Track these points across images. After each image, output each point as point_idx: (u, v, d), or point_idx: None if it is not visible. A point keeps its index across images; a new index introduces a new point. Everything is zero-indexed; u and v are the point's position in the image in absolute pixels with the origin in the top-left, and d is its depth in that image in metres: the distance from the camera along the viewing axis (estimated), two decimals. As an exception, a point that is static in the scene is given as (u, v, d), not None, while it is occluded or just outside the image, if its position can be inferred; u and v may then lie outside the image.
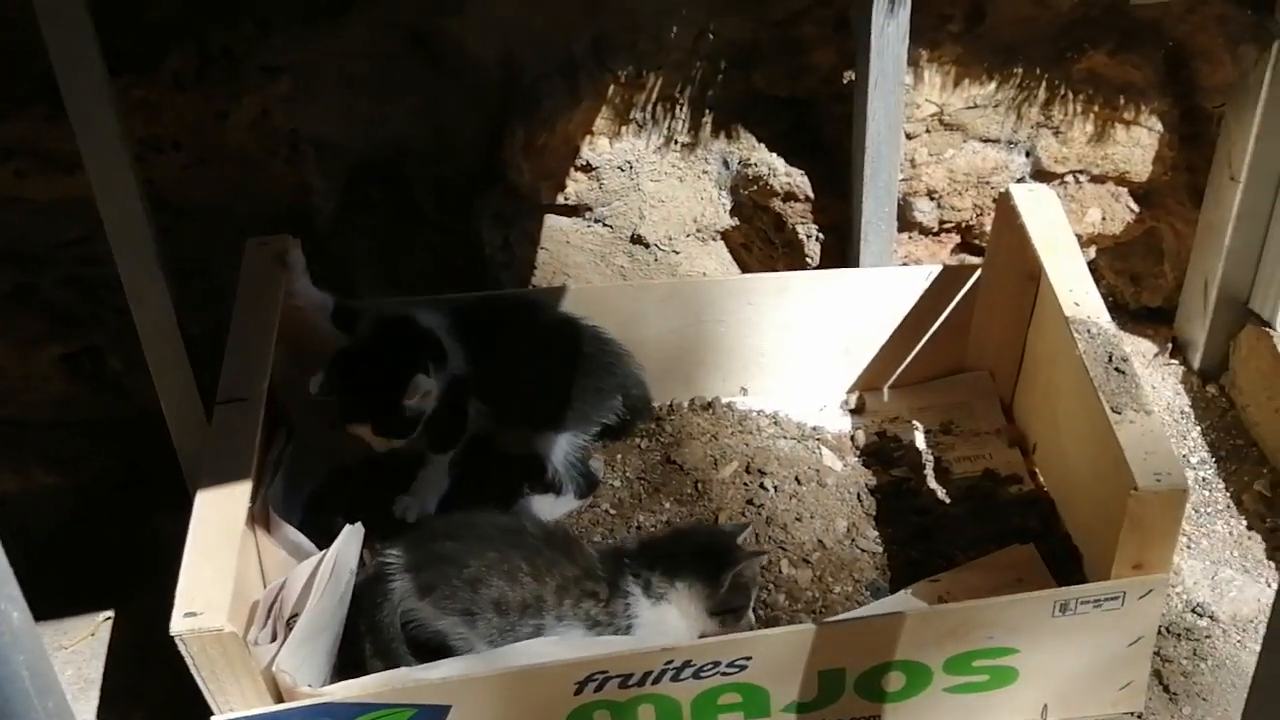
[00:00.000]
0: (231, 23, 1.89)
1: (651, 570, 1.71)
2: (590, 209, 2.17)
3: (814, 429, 2.11)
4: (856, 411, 2.16)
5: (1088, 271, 1.88)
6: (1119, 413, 1.66)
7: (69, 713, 0.96)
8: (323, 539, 1.73)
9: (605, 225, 2.19)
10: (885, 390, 2.18)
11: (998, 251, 2.05)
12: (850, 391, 2.18)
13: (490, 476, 1.98)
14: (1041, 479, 2.01)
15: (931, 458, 2.06)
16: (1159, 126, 2.17)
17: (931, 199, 2.19)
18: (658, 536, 1.88)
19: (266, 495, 1.72)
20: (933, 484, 2.02)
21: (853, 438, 2.11)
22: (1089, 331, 1.78)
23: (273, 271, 1.87)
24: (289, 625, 1.57)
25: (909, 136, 2.11)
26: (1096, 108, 2.16)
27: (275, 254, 1.87)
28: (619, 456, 2.06)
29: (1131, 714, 1.72)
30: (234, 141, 1.95)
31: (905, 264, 2.23)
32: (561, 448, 1.96)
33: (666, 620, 1.71)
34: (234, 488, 1.58)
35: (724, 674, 1.58)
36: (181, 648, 1.44)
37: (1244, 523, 2.01)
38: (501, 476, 1.99)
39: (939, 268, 2.09)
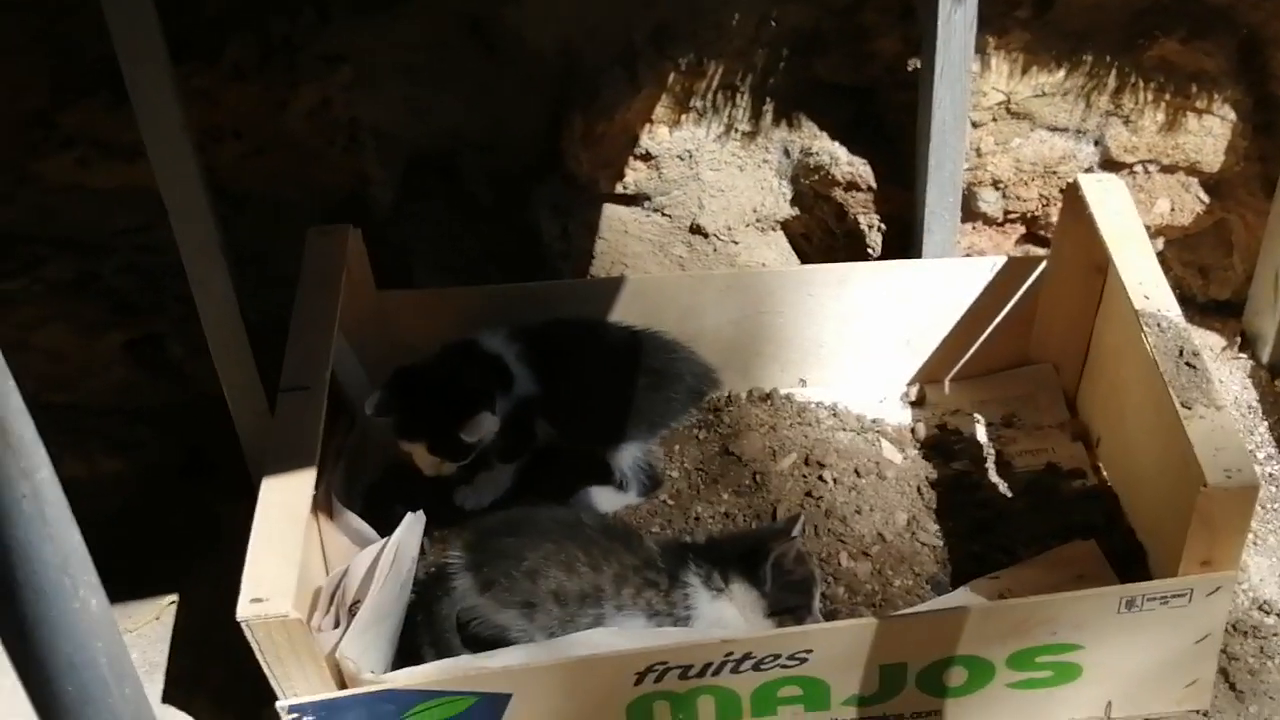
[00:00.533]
0: (292, 13, 1.90)
1: (712, 566, 1.70)
2: (649, 198, 2.16)
3: (874, 421, 2.09)
4: (917, 404, 2.14)
5: (1158, 264, 1.85)
6: (1189, 408, 1.63)
7: (144, 699, 0.97)
8: (383, 528, 1.74)
9: (664, 215, 2.18)
10: (946, 383, 2.16)
11: (1064, 243, 2.02)
12: (911, 384, 2.16)
13: (552, 474, 1.98)
14: (1105, 474, 1.98)
15: (993, 451, 2.04)
16: (1231, 115, 2.13)
17: (997, 189, 2.16)
18: (720, 535, 1.87)
19: (330, 483, 1.73)
20: (994, 477, 2.00)
21: (913, 430, 2.09)
22: (1159, 325, 1.75)
23: (334, 260, 1.87)
24: (351, 613, 1.58)
25: (974, 125, 2.08)
26: (1167, 96, 2.12)
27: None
28: (677, 448, 2.06)
29: (1197, 712, 1.70)
30: (293, 130, 1.96)
31: (968, 255, 2.20)
32: (629, 454, 1.96)
33: (725, 616, 1.70)
34: (298, 475, 1.59)
35: (784, 666, 1.58)
36: (247, 633, 1.45)
37: (1315, 520, 1.97)
38: (564, 474, 1.99)
39: (1004, 259, 2.06)
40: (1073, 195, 1.98)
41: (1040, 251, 2.19)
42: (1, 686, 1.74)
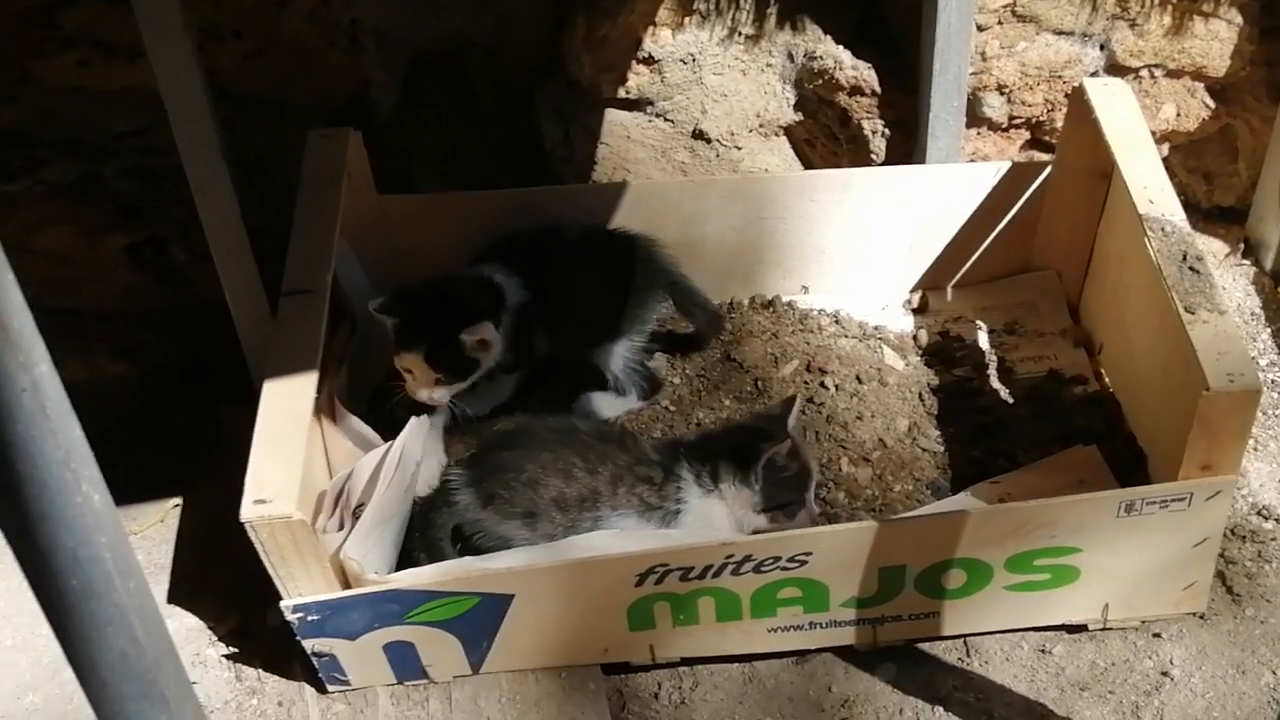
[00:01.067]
0: (292, -92, 1.87)
1: (703, 464, 1.72)
2: (651, 103, 2.13)
3: (876, 328, 2.09)
4: (919, 311, 2.13)
5: (1163, 169, 1.83)
6: (1192, 313, 1.63)
7: (149, 593, 0.98)
8: (386, 433, 1.75)
9: (666, 120, 2.15)
10: (949, 289, 2.15)
11: (1069, 147, 2.00)
12: (913, 290, 2.15)
13: (550, 383, 1.99)
14: (1107, 380, 1.98)
15: (995, 358, 2.04)
16: (1238, 19, 2.09)
17: (1001, 93, 2.13)
18: (713, 431, 1.88)
19: (332, 387, 1.73)
20: (996, 384, 2.00)
21: (915, 337, 2.09)
22: (1163, 230, 1.74)
23: (335, 164, 1.86)
24: (355, 515, 1.59)
25: (980, 28, 2.05)
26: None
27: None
28: (679, 354, 2.06)
29: (1194, 615, 1.72)
30: (293, 31, 1.93)
31: (972, 160, 2.18)
32: (619, 354, 1.96)
33: (714, 513, 1.72)
34: (300, 378, 1.59)
35: (784, 569, 1.59)
36: (251, 534, 1.46)
37: (1313, 426, 1.98)
38: (564, 383, 1.99)
39: (1007, 164, 2.04)
40: (1078, 100, 1.95)
41: (1044, 157, 2.17)
42: (7, 586, 1.79)
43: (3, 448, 0.85)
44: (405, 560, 1.70)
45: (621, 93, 2.10)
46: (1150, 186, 1.80)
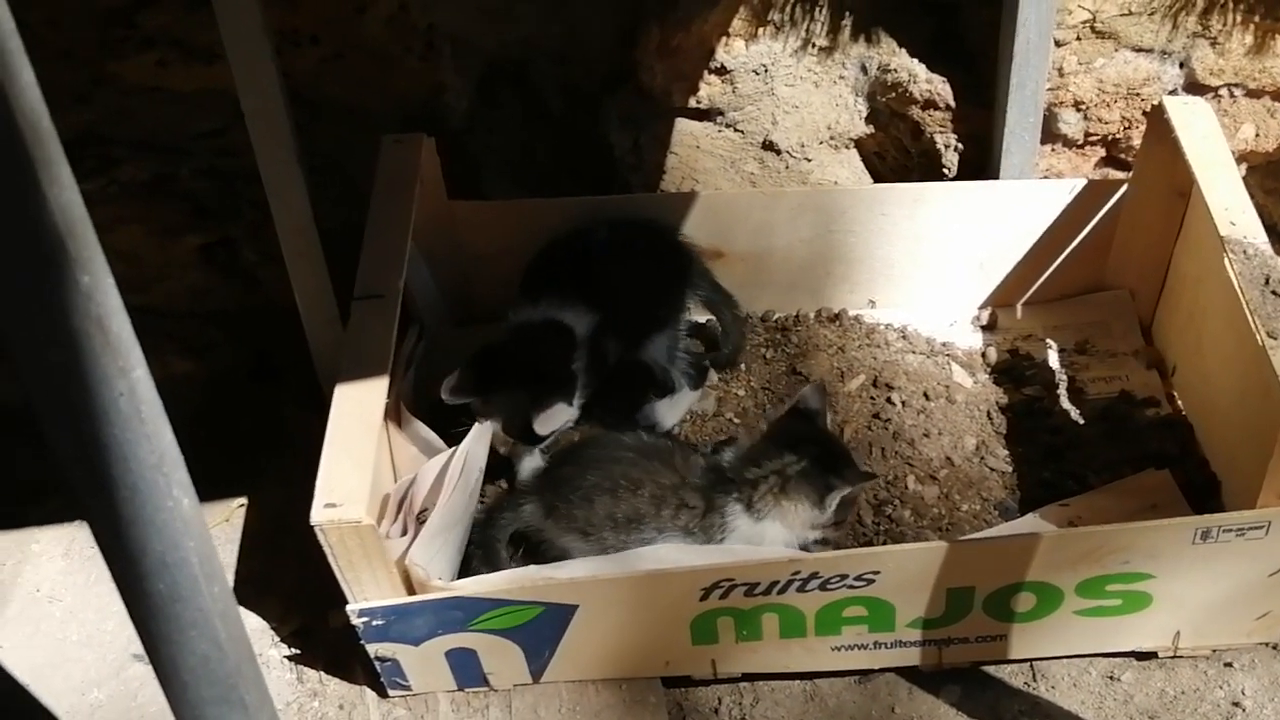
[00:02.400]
0: (372, -85, 1.88)
1: (755, 489, 1.69)
2: (722, 113, 2.12)
3: (944, 344, 2.07)
4: (988, 328, 2.11)
5: (1244, 190, 1.80)
6: (1275, 338, 1.60)
7: (232, 598, 0.98)
8: (450, 438, 1.75)
9: (737, 130, 2.14)
10: (1019, 307, 2.13)
11: (1147, 166, 1.97)
12: (983, 307, 2.13)
13: (615, 394, 1.98)
14: (1180, 403, 1.95)
15: (1065, 377, 2.01)
16: (1324, 38, 2.06)
17: (1078, 110, 2.11)
18: (763, 449, 1.76)
19: (399, 392, 1.74)
20: (1066, 404, 1.98)
21: (984, 354, 2.06)
22: (1245, 252, 1.71)
23: (408, 169, 1.87)
24: (419, 521, 1.60)
25: (1058, 44, 2.03)
26: (1256, 18, 2.05)
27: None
28: (744, 366, 2.05)
29: (1267, 644, 1.69)
30: (370, 36, 1.94)
31: (1046, 177, 2.15)
32: (664, 346, 1.96)
33: (766, 535, 1.70)
34: (371, 383, 1.60)
35: (850, 587, 1.58)
36: (321, 538, 1.46)
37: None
38: (625, 392, 1.98)
39: (1083, 181, 2.01)
40: (1157, 118, 1.92)
41: (1119, 175, 2.14)
42: (74, 582, 1.81)
43: (98, 451, 0.86)
44: (463, 561, 1.71)
45: (692, 102, 2.10)
46: (1232, 208, 1.78)
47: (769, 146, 2.16)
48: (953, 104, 2.10)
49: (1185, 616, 1.65)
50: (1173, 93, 2.09)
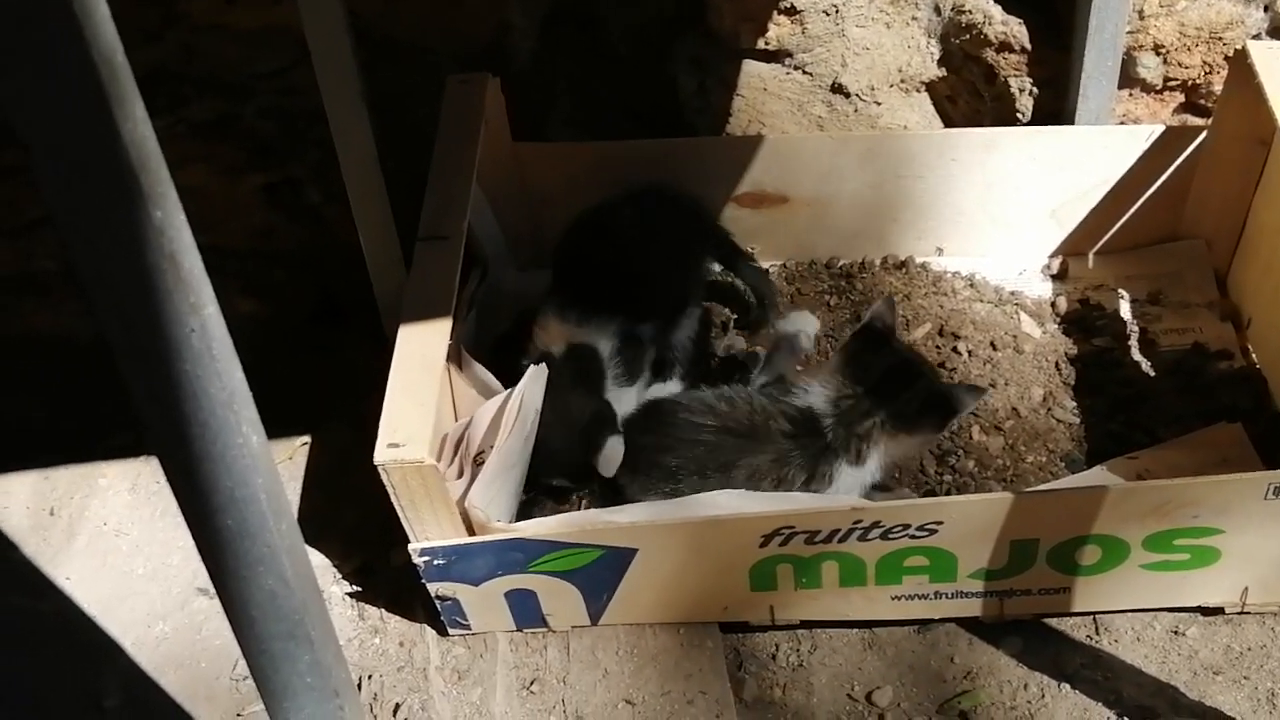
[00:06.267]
0: None
1: (864, 442, 1.69)
2: (790, 55, 2.09)
3: (1012, 293, 2.03)
4: (1059, 277, 2.07)
5: (1330, 137, 1.75)
6: (1356, 291, 1.56)
7: (298, 534, 0.99)
8: (508, 379, 1.75)
9: (805, 73, 2.11)
10: (1091, 256, 2.08)
11: (1227, 113, 1.92)
12: (1053, 256, 2.09)
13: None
14: (1255, 356, 1.91)
15: (1137, 328, 1.97)
16: None
17: (1158, 54, 2.05)
18: (856, 394, 1.71)
19: (460, 334, 1.73)
20: (1137, 356, 1.94)
21: (1053, 304, 2.03)
22: (1328, 203, 1.66)
23: (474, 110, 1.85)
24: (477, 463, 1.60)
25: (1139, -15, 1.97)
26: (1350, -43, 1.98)
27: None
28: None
29: (1338, 605, 1.66)
30: (436, -26, 1.93)
31: (1123, 123, 2.10)
32: (687, 326, 1.93)
33: (865, 476, 1.71)
34: (435, 325, 1.60)
35: (913, 537, 1.56)
36: (384, 477, 1.47)
37: None
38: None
39: (1161, 128, 1.96)
40: (1240, 63, 1.87)
41: (1198, 121, 2.08)
42: (139, 516, 1.84)
43: (170, 387, 0.87)
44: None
45: (760, 44, 2.06)
46: (1316, 156, 1.72)
47: (838, 89, 2.12)
48: (1028, 46, 2.05)
49: (1254, 573, 1.62)
50: (1256, 37, 2.03)
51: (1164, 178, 2.00)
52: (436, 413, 1.54)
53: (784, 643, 1.68)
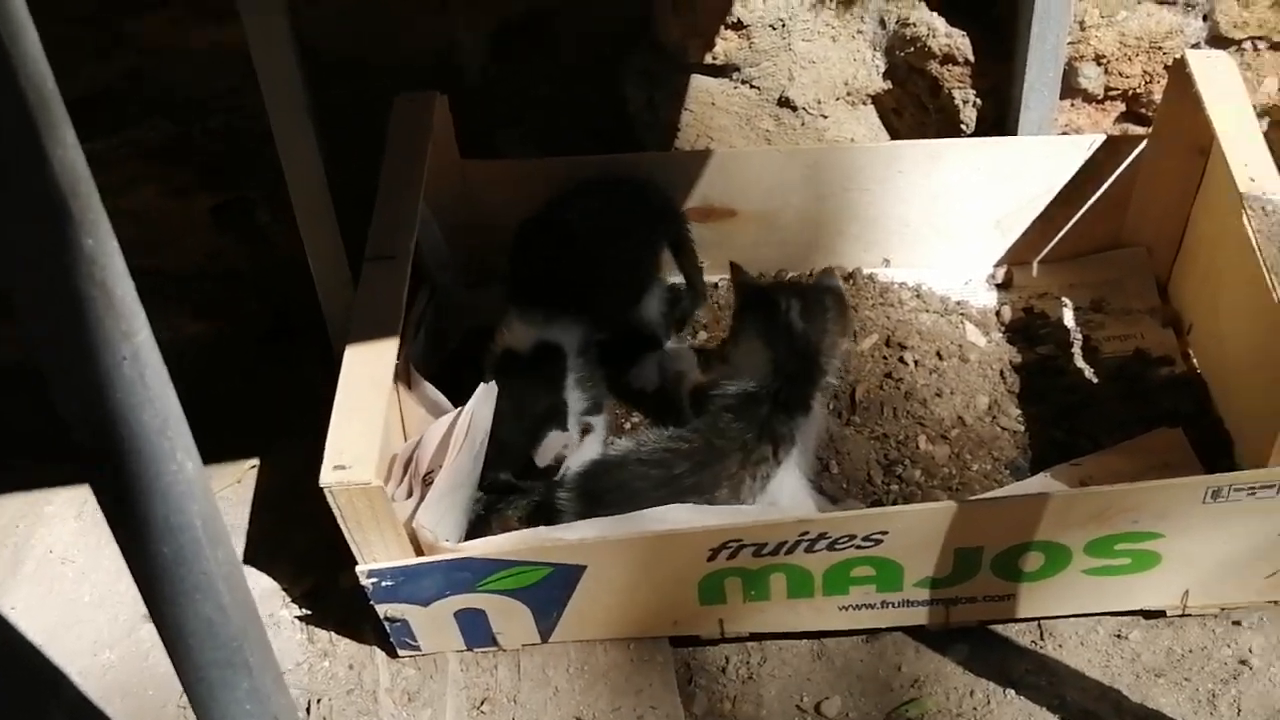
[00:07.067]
0: None
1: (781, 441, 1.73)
2: (738, 69, 2.10)
3: (958, 303, 2.06)
4: (1004, 286, 2.10)
5: (1265, 146, 1.78)
6: (1290, 296, 1.58)
7: (237, 561, 0.99)
8: (459, 398, 1.75)
9: (752, 87, 2.13)
10: (1035, 265, 2.11)
11: (1167, 122, 1.95)
12: (998, 265, 2.12)
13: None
14: (1195, 361, 1.94)
15: (1080, 336, 2.00)
16: (1350, -10, 2.02)
17: (1099, 64, 2.08)
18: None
19: (408, 353, 1.74)
20: (1080, 363, 1.96)
21: (998, 313, 2.05)
22: (1263, 209, 1.69)
23: (421, 128, 1.86)
24: (425, 482, 1.60)
25: (1079, -3, 2.00)
26: (1283, -32, 2.01)
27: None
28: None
29: (1276, 603, 1.68)
30: (382, -8, 1.93)
31: (1065, 133, 2.13)
32: (654, 304, 1.96)
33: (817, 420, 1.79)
34: (381, 344, 1.60)
35: (859, 547, 1.58)
36: (330, 499, 1.47)
37: None
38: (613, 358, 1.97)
39: (1102, 138, 1.99)
40: (1178, 72, 1.90)
41: (1139, 130, 2.11)
42: (86, 543, 1.83)
43: (102, 415, 0.87)
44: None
45: (708, 58, 2.08)
46: (1251, 164, 1.75)
47: (785, 103, 2.14)
48: (972, 59, 2.07)
49: (1194, 575, 1.64)
50: (1195, 46, 2.06)
51: (1105, 186, 2.03)
52: (384, 433, 1.54)
53: (734, 655, 1.69)
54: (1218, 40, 2.08)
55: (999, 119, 2.09)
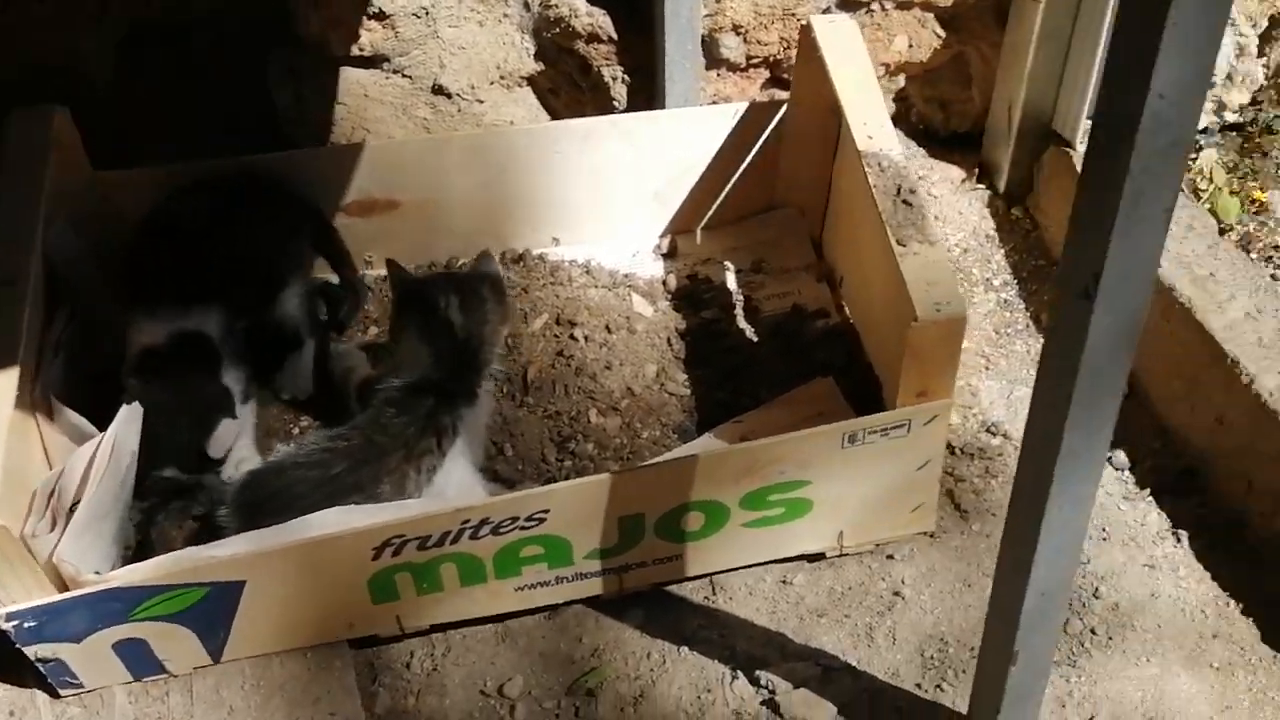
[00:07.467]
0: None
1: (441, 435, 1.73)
2: (387, 59, 2.08)
3: (626, 276, 2.10)
4: (669, 256, 2.14)
5: (882, 103, 1.86)
6: (904, 245, 1.67)
7: None
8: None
9: (404, 76, 2.11)
10: (698, 232, 2.17)
11: (801, 86, 2.02)
12: (663, 236, 2.16)
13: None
14: (848, 312, 2.03)
15: (742, 297, 2.07)
16: (963, -52, 2.14)
17: (738, 34, 2.14)
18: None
19: (46, 380, 1.66)
20: (742, 323, 2.03)
21: (664, 282, 2.10)
22: (879, 164, 1.77)
23: (40, 144, 1.77)
24: (70, 513, 1.53)
25: (708, -31, 2.06)
26: (903, -70, 2.12)
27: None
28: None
29: (924, 534, 1.78)
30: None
31: (714, 102, 2.19)
32: (293, 300, 1.93)
33: (485, 405, 1.80)
34: (1, 375, 1.53)
35: (523, 528, 1.60)
36: (-50, 547, 1.40)
37: (1042, 341, 2.04)
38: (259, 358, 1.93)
39: (744, 105, 2.05)
40: (806, 38, 1.97)
41: (783, 96, 2.19)
42: None
43: None
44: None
45: (355, 50, 2.06)
46: (870, 122, 1.84)
47: (439, 90, 2.13)
48: (615, 36, 2.11)
49: (846, 517, 1.72)
50: (826, 10, 2.15)
51: (754, 152, 2.09)
52: (14, 469, 1.47)
53: (419, 649, 1.69)
54: (848, 4, 2.17)
55: (648, 93, 2.14)
